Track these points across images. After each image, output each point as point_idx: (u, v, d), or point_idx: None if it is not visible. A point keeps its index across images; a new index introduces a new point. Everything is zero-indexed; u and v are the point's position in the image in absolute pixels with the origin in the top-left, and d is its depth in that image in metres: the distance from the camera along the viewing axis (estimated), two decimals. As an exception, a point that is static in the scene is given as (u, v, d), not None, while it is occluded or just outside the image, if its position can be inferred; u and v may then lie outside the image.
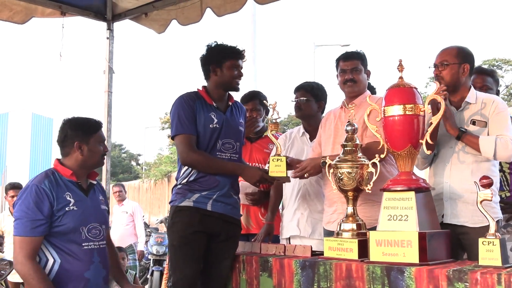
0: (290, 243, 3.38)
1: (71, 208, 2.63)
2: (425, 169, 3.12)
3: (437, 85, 2.63)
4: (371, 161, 2.62)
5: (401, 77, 2.59)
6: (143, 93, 76.94)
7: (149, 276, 7.87)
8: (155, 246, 8.02)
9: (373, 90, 3.79)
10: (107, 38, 5.10)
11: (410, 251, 2.36)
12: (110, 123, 5.02)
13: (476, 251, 2.28)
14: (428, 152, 2.62)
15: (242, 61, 3.12)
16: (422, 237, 2.35)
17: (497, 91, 3.70)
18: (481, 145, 2.76)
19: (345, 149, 2.71)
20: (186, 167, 3.03)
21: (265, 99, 3.86)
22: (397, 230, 2.44)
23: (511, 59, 24.83)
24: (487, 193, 2.28)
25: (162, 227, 11.01)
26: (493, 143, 2.74)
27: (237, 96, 3.39)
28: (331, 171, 2.70)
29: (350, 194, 2.69)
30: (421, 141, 2.54)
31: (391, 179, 2.62)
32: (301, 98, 3.60)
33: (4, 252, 6.02)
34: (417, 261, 2.33)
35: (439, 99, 2.55)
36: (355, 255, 2.53)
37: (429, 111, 2.63)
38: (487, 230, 2.28)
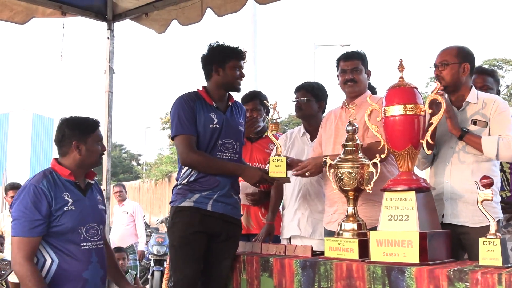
0: (290, 243, 3.37)
1: (69, 208, 2.62)
2: (426, 169, 3.12)
3: (438, 85, 2.63)
4: (372, 161, 2.62)
5: (401, 77, 2.58)
6: (143, 93, 77.06)
7: (149, 276, 7.86)
8: (155, 246, 8.03)
9: (373, 90, 3.79)
10: (108, 38, 5.10)
11: (410, 251, 2.36)
12: (110, 123, 5.01)
13: (476, 251, 2.28)
14: (428, 152, 2.62)
15: (243, 62, 3.12)
16: (422, 237, 2.35)
17: (498, 91, 3.69)
18: (483, 145, 2.76)
19: (346, 149, 2.71)
20: (186, 168, 3.03)
21: (265, 99, 3.86)
22: (398, 230, 2.44)
23: (511, 59, 24.80)
24: (488, 193, 2.28)
25: (162, 227, 11.01)
26: (495, 143, 2.74)
27: (237, 96, 3.39)
28: (332, 171, 2.70)
29: (350, 194, 2.68)
30: (421, 141, 2.54)
31: (391, 179, 2.62)
32: (302, 98, 3.60)
33: (4, 252, 6.01)
34: (417, 261, 2.33)
35: (440, 99, 2.55)
36: (355, 255, 2.53)
37: (430, 111, 2.63)
38: (487, 230, 2.28)
